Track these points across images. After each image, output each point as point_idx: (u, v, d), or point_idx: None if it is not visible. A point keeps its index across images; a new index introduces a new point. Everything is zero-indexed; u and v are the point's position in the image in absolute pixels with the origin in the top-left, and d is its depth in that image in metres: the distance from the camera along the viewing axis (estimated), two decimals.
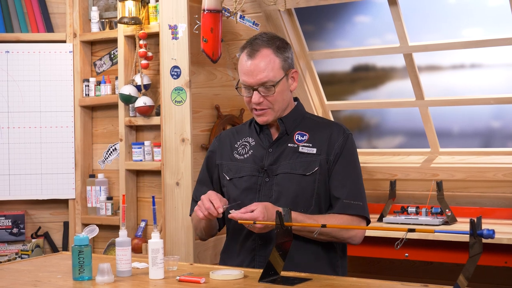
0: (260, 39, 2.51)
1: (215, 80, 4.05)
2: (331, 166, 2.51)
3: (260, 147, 2.58)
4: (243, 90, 2.52)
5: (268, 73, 2.46)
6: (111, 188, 4.26)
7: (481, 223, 1.85)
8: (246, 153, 2.59)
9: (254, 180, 2.53)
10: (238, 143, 2.63)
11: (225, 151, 2.65)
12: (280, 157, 2.53)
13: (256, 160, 2.55)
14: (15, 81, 4.26)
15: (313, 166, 2.49)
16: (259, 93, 2.47)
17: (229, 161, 2.61)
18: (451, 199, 3.87)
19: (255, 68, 2.46)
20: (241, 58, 2.52)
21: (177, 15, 3.70)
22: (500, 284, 3.79)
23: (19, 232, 4.23)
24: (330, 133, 2.54)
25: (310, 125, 2.59)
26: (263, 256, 2.47)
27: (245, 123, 2.73)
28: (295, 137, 2.55)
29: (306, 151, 2.51)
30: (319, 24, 4.18)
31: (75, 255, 2.28)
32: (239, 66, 2.53)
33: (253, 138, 2.62)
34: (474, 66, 3.96)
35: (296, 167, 2.50)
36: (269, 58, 2.47)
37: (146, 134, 4.08)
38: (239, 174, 2.56)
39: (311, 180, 2.49)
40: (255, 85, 2.47)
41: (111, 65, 4.29)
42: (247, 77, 2.48)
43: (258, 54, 2.47)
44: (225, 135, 2.71)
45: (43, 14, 4.32)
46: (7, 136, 4.24)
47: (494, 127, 4.03)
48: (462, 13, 3.87)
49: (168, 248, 3.70)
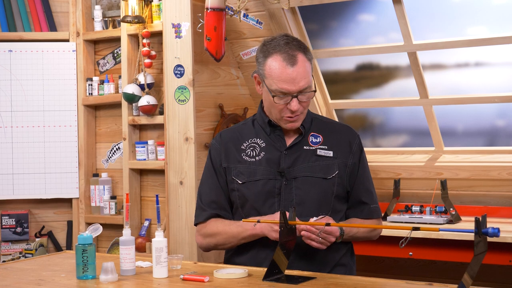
0: (291, 42, 2.42)
1: (218, 79, 4.05)
2: (352, 170, 2.52)
3: (273, 149, 2.51)
4: (279, 98, 2.40)
5: (307, 79, 2.40)
6: (115, 187, 4.26)
7: (486, 221, 1.85)
8: (258, 155, 2.52)
9: (272, 184, 2.47)
10: (244, 144, 2.55)
11: (230, 153, 2.56)
12: (297, 160, 2.48)
13: (270, 163, 2.49)
14: (18, 80, 4.26)
15: (333, 169, 2.48)
16: (297, 100, 2.40)
17: (238, 164, 2.53)
18: (456, 198, 3.86)
19: (297, 75, 2.37)
20: (273, 64, 2.40)
21: (181, 13, 3.70)
22: (504, 282, 3.79)
23: (23, 231, 4.23)
24: (343, 136, 2.55)
25: (320, 126, 2.56)
26: None
27: (244, 122, 2.65)
28: (309, 139, 2.52)
29: (323, 154, 2.50)
30: (323, 22, 4.17)
31: (79, 254, 2.28)
32: (272, 72, 2.40)
33: (261, 139, 2.54)
34: (479, 65, 3.95)
35: (316, 170, 2.47)
36: (305, 63, 2.40)
37: (150, 133, 4.08)
38: (254, 177, 2.49)
39: (330, 183, 2.48)
40: (295, 92, 2.39)
41: (114, 64, 4.29)
42: (288, 85, 2.38)
43: (297, 60, 2.38)
44: (226, 137, 2.60)
45: (46, 13, 4.32)
46: (10, 136, 4.24)
47: (499, 125, 4.02)
48: (466, 12, 3.86)
49: (172, 247, 3.70)
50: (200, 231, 2.59)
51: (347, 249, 2.56)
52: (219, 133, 2.65)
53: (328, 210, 2.47)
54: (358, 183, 2.54)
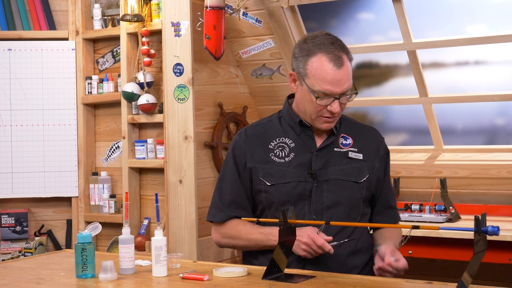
0: (335, 43, 2.36)
1: (218, 78, 4.04)
2: (380, 174, 2.50)
3: (303, 150, 2.44)
4: (322, 99, 2.34)
5: (350, 81, 2.36)
6: (114, 186, 4.26)
7: (485, 220, 1.85)
8: (287, 156, 2.44)
9: (302, 186, 2.40)
10: (272, 143, 2.47)
11: (256, 153, 2.47)
12: (329, 162, 2.43)
13: (301, 165, 2.42)
14: (17, 78, 4.26)
15: (363, 173, 2.45)
16: (339, 102, 2.35)
17: (265, 164, 2.45)
18: (455, 197, 3.86)
19: (343, 77, 2.33)
20: (318, 64, 2.33)
21: (180, 12, 3.70)
22: (504, 281, 3.78)
23: (22, 230, 4.23)
24: (370, 138, 2.52)
25: (349, 127, 2.52)
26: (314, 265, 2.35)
27: (269, 119, 2.56)
28: (339, 140, 2.47)
29: (354, 156, 2.45)
30: (322, 21, 4.17)
31: (78, 252, 2.28)
32: (316, 72, 2.33)
33: (290, 139, 2.47)
34: (478, 63, 3.95)
35: (348, 173, 2.43)
36: (348, 64, 2.36)
37: (149, 131, 4.07)
38: (283, 179, 2.42)
39: (360, 187, 2.44)
40: (338, 94, 2.33)
41: (113, 62, 4.28)
42: (332, 86, 2.32)
43: (342, 61, 2.33)
44: (252, 134, 2.51)
45: (45, 12, 4.32)
46: (10, 134, 4.24)
47: (498, 124, 4.02)
48: (466, 10, 3.86)
49: (171, 246, 3.70)
50: (218, 230, 2.54)
51: None
52: (244, 129, 2.56)
53: (358, 214, 2.44)
54: (386, 188, 2.52)
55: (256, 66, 4.09)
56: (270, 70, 4.05)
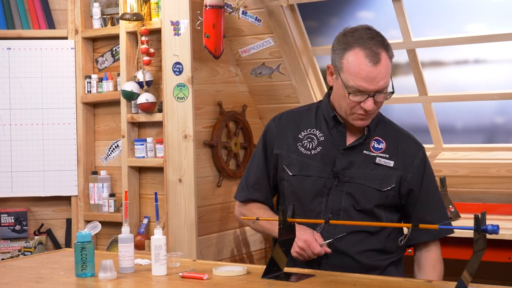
0: (375, 38, 2.26)
1: (217, 76, 4.04)
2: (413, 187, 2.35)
3: (331, 145, 2.37)
4: (355, 95, 2.26)
5: (387, 79, 2.26)
6: (114, 185, 4.26)
7: (485, 218, 1.85)
8: (314, 149, 2.38)
9: (322, 183, 2.35)
10: (302, 133, 2.42)
11: (285, 140, 2.44)
12: (354, 163, 2.34)
13: (325, 160, 2.36)
14: (16, 78, 4.26)
15: (390, 181, 2.33)
16: (373, 100, 2.25)
17: (291, 153, 2.41)
18: (455, 195, 3.85)
19: (378, 74, 2.23)
20: (354, 59, 2.25)
21: (179, 11, 3.69)
22: (503, 280, 3.78)
23: (22, 229, 4.23)
24: (406, 146, 2.39)
25: (385, 131, 2.41)
26: (328, 264, 2.35)
27: (308, 108, 2.49)
28: (371, 143, 2.37)
29: (383, 163, 2.34)
30: (322, 19, 4.17)
31: (78, 251, 2.28)
32: (349, 67, 2.26)
33: (321, 131, 2.40)
34: (478, 62, 3.95)
35: (372, 179, 2.33)
36: (387, 62, 2.26)
37: (149, 130, 4.07)
38: (305, 172, 2.37)
39: (384, 195, 2.33)
40: (372, 92, 2.24)
41: (113, 61, 4.28)
42: (367, 83, 2.23)
43: (380, 58, 2.23)
44: (286, 120, 2.47)
45: (45, 11, 4.31)
46: (9, 133, 4.23)
47: (498, 122, 4.02)
48: (465, 9, 3.86)
49: (171, 245, 3.70)
50: (238, 208, 2.60)
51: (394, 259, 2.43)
52: (281, 114, 2.52)
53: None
54: (422, 201, 2.36)
55: (255, 65, 4.09)
56: (270, 69, 4.05)
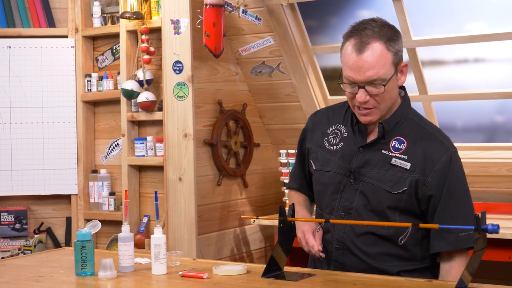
0: (370, 28, 2.18)
1: (217, 75, 4.04)
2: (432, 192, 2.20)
3: (351, 142, 2.32)
4: (346, 85, 2.21)
5: (378, 70, 2.15)
6: (114, 183, 4.26)
7: (485, 218, 1.84)
8: (336, 145, 2.35)
9: (338, 179, 2.31)
10: (330, 129, 2.39)
11: (315, 135, 2.43)
12: (369, 162, 2.27)
13: (344, 157, 2.31)
14: (17, 76, 4.26)
15: (402, 184, 2.21)
16: (365, 92, 2.17)
17: (319, 148, 2.40)
18: None
19: (363, 64, 2.15)
20: (346, 49, 2.20)
21: (180, 9, 3.69)
22: (504, 279, 3.79)
23: (22, 228, 4.23)
24: (429, 148, 2.23)
25: (411, 130, 2.28)
26: (339, 262, 2.31)
27: (343, 103, 2.43)
28: (391, 143, 2.26)
29: (399, 164, 2.22)
30: (322, 18, 4.16)
31: (78, 250, 2.28)
32: (343, 57, 2.22)
33: (346, 127, 2.36)
34: (478, 61, 3.95)
35: (383, 180, 2.23)
36: (380, 52, 2.15)
37: (149, 129, 4.07)
38: (325, 167, 2.36)
39: (396, 198, 2.22)
40: (361, 83, 2.17)
41: (113, 60, 4.28)
42: (353, 73, 2.17)
43: (367, 47, 2.15)
44: (321, 116, 2.47)
45: (45, 9, 4.31)
46: (9, 132, 4.23)
47: (498, 121, 4.02)
48: (465, 8, 3.86)
49: (171, 244, 3.70)
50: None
51: None
52: (321, 108, 2.59)
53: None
54: (443, 208, 2.21)
55: (255, 63, 4.09)
56: (270, 67, 4.05)
